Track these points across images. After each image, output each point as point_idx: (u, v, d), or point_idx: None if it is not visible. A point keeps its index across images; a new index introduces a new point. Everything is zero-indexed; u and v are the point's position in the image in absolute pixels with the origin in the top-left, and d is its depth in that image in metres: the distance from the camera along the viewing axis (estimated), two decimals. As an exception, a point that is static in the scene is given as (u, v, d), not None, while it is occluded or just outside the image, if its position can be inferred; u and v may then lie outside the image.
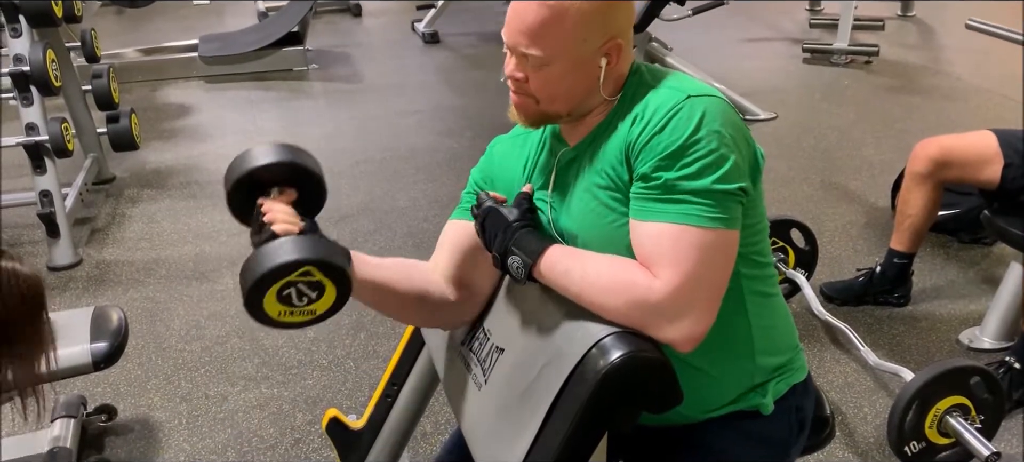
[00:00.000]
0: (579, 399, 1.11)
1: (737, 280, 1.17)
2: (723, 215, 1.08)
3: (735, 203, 1.09)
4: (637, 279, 1.08)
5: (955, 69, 5.24)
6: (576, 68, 1.14)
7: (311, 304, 1.12)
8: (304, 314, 1.13)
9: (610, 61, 1.15)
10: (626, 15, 1.17)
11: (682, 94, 1.10)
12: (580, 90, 1.16)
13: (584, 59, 1.13)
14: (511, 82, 1.18)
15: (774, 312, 1.26)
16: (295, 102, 5.00)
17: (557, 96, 1.16)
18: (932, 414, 1.94)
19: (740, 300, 1.19)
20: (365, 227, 3.32)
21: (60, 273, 3.03)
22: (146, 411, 2.30)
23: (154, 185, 3.79)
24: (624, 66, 1.19)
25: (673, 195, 1.07)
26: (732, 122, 1.11)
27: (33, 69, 2.98)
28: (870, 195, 3.44)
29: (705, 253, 1.07)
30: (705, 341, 1.10)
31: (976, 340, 2.46)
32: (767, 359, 1.24)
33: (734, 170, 1.08)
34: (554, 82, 1.15)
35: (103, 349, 1.89)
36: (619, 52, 1.15)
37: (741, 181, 1.09)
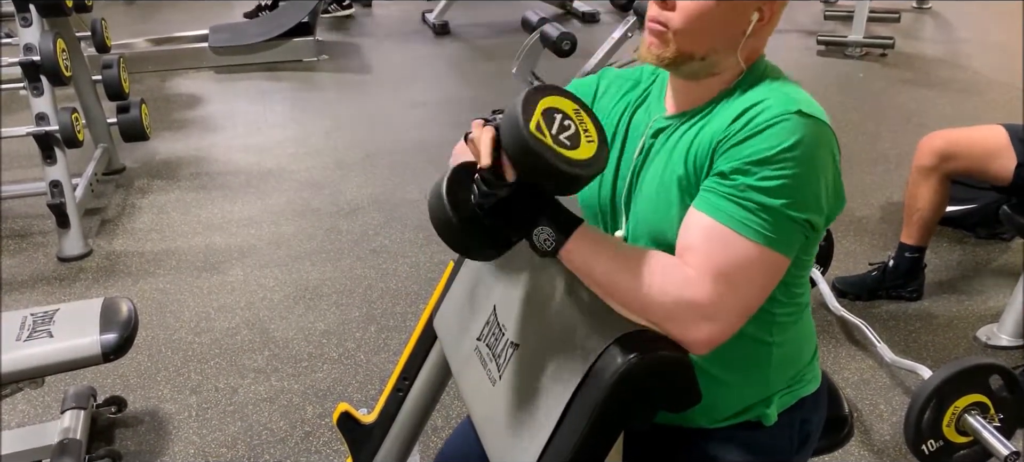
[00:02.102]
0: (596, 397, 1.08)
1: (771, 305, 1.14)
2: (782, 239, 1.03)
3: (799, 232, 1.04)
4: (676, 271, 1.04)
5: (972, 62, 5.18)
6: (731, 4, 1.09)
7: (578, 121, 1.05)
8: (585, 131, 1.04)
9: (761, 17, 1.11)
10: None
11: (793, 106, 1.05)
12: (722, 35, 1.11)
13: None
14: (653, 7, 1.12)
15: (798, 334, 1.23)
16: (305, 93, 4.98)
17: (698, 31, 1.09)
18: (950, 412, 1.91)
19: (769, 325, 1.17)
20: (375, 220, 3.30)
21: (70, 264, 3.02)
22: (156, 403, 2.29)
23: (164, 176, 3.78)
24: (764, 39, 1.16)
25: (742, 201, 1.03)
26: (829, 153, 1.06)
27: (43, 59, 2.97)
28: (886, 189, 3.40)
29: (752, 269, 1.03)
30: (725, 352, 1.08)
31: (994, 337, 2.43)
32: (779, 374, 1.22)
33: (811, 200, 1.04)
34: (704, 13, 1.08)
35: (113, 340, 1.87)
36: (772, 14, 1.12)
37: (812, 214, 1.04)
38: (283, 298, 2.77)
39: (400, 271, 2.92)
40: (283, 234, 3.20)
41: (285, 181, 3.69)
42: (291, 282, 2.87)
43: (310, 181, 3.68)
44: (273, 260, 3.01)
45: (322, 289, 2.81)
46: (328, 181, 3.67)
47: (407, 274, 2.90)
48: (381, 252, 3.05)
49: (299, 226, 3.27)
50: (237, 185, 3.66)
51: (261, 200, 3.51)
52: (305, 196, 3.53)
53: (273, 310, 2.71)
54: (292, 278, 2.89)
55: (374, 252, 3.05)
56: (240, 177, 3.74)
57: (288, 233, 3.21)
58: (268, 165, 3.86)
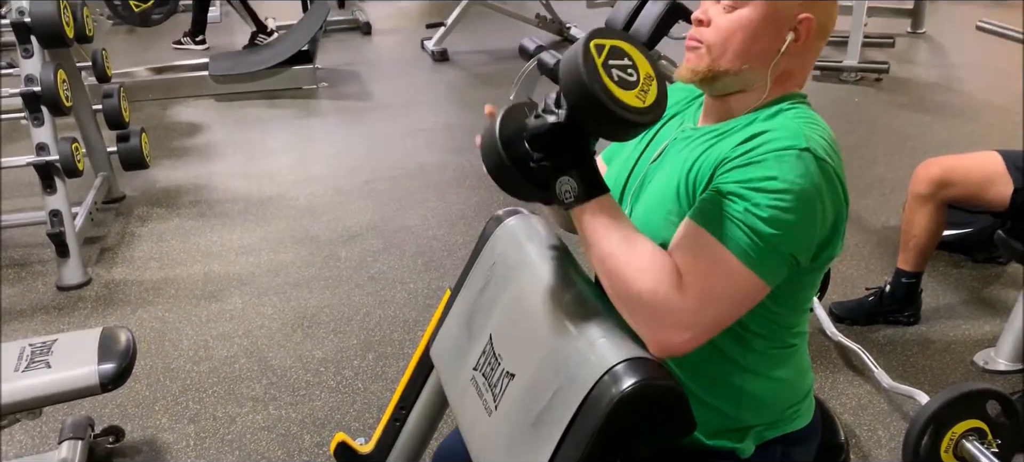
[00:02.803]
0: (591, 427, 1.09)
1: (750, 334, 1.16)
2: (766, 266, 1.05)
3: (783, 264, 1.07)
4: (670, 278, 1.06)
5: (966, 87, 5.21)
6: (765, 21, 1.12)
7: (640, 75, 1.05)
8: (644, 85, 1.05)
9: (797, 37, 1.13)
10: (826, 13, 1.16)
11: (801, 142, 1.06)
12: (756, 51, 1.14)
13: (776, 16, 1.12)
14: (693, 27, 1.18)
15: (785, 372, 1.22)
16: (305, 120, 5.01)
17: (733, 47, 1.14)
18: (948, 438, 1.91)
19: (744, 350, 1.17)
20: (374, 246, 3.31)
21: (69, 293, 3.03)
22: (154, 432, 2.29)
23: (164, 204, 3.79)
24: (800, 67, 1.18)
25: (737, 222, 1.05)
26: (827, 196, 1.07)
27: (44, 89, 2.99)
28: (882, 214, 3.42)
29: (733, 288, 1.06)
30: (695, 364, 1.13)
31: (991, 362, 2.43)
32: (756, 407, 1.21)
33: (800, 237, 1.06)
34: (740, 28, 1.13)
35: (111, 370, 1.88)
36: (809, 33, 1.14)
37: (800, 251, 1.07)
38: (281, 326, 2.78)
39: (398, 298, 2.92)
40: (282, 261, 3.21)
41: (284, 208, 3.70)
42: (289, 310, 2.87)
43: (309, 208, 3.69)
44: (272, 288, 3.01)
45: (320, 317, 2.82)
46: (327, 208, 3.69)
47: (405, 301, 2.90)
48: (379, 279, 3.06)
49: (298, 253, 3.28)
50: (236, 213, 3.67)
51: (260, 227, 3.52)
52: (304, 223, 3.54)
53: (271, 338, 2.71)
54: (290, 306, 2.89)
55: (372, 279, 3.06)
56: (239, 204, 3.75)
57: (287, 260, 3.22)
58: (267, 192, 3.87)
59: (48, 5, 3.05)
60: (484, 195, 3.74)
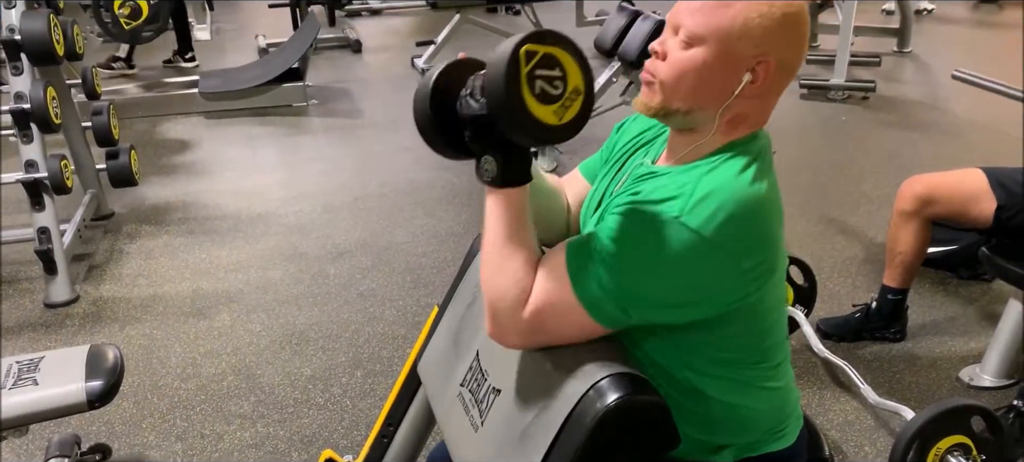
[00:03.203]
0: (576, 442, 1.09)
1: (705, 369, 1.17)
2: (601, 312, 1.10)
3: (621, 316, 1.10)
4: (520, 286, 1.12)
5: (952, 105, 5.27)
6: (718, 61, 1.10)
7: (566, 89, 1.05)
8: (567, 100, 1.05)
9: (754, 80, 1.11)
10: (788, 50, 1.13)
11: (675, 211, 1.05)
12: (711, 91, 1.12)
13: (730, 57, 1.10)
14: (649, 59, 1.16)
15: (754, 398, 1.21)
16: (295, 137, 5.02)
17: (684, 86, 1.12)
18: (933, 453, 1.92)
19: (707, 381, 1.17)
20: (363, 263, 3.31)
21: (57, 310, 3.02)
22: (141, 450, 2.28)
23: (153, 221, 3.79)
24: (758, 110, 1.15)
25: (591, 261, 1.09)
26: (699, 267, 1.06)
27: (34, 107, 3.00)
28: (868, 230, 3.44)
29: (566, 323, 1.12)
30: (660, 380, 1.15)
31: (976, 378, 2.45)
32: (725, 436, 1.21)
33: (643, 299, 1.09)
34: (692, 67, 1.11)
35: (98, 387, 1.87)
36: (768, 75, 1.11)
37: (643, 312, 1.10)
38: (270, 343, 2.77)
39: (387, 315, 2.93)
40: (270, 279, 3.21)
41: (273, 225, 3.70)
42: (278, 327, 2.87)
43: (298, 225, 3.70)
44: (260, 305, 3.01)
45: (309, 334, 2.82)
46: (316, 225, 3.69)
47: (394, 318, 2.91)
48: (368, 296, 3.06)
49: (286, 270, 3.28)
50: (225, 230, 3.67)
51: (249, 245, 3.52)
52: (293, 240, 3.54)
53: (260, 355, 2.70)
54: (279, 323, 2.89)
55: (361, 296, 3.06)
56: (228, 222, 3.75)
57: (275, 278, 3.22)
58: (256, 209, 3.88)
59: (38, 23, 3.06)
60: (473, 212, 3.75)
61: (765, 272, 1.11)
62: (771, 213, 1.11)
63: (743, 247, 1.07)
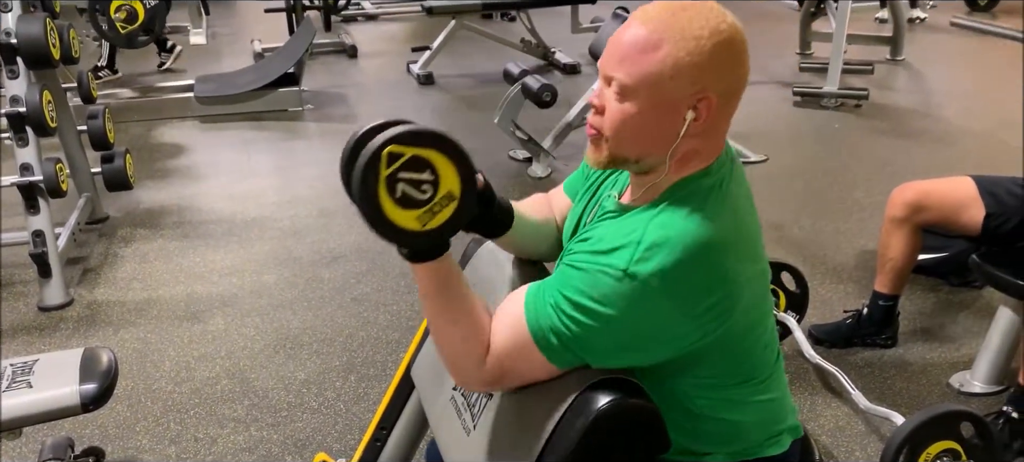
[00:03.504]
0: (567, 446, 1.11)
1: (688, 390, 1.17)
2: (560, 358, 1.12)
3: (577, 361, 1.12)
4: (474, 349, 1.15)
5: (944, 113, 5.30)
6: (655, 109, 1.08)
7: (437, 193, 1.01)
8: (437, 205, 1.02)
9: (698, 115, 1.08)
10: (729, 80, 1.09)
11: (624, 263, 1.05)
12: (654, 137, 1.10)
13: (667, 101, 1.07)
14: (590, 113, 1.15)
15: (741, 412, 1.21)
16: (290, 142, 5.02)
17: (627, 136, 1.11)
18: (923, 459, 1.93)
19: (691, 398, 1.18)
20: (358, 268, 3.32)
21: (51, 313, 3.02)
22: (134, 453, 2.29)
23: (147, 225, 3.79)
24: (708, 143, 1.13)
25: (547, 313, 1.10)
26: (654, 314, 1.06)
27: (29, 110, 3.00)
28: (860, 237, 3.46)
29: (527, 369, 1.14)
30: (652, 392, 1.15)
31: (966, 384, 2.47)
32: (714, 446, 1.22)
33: (598, 349, 1.10)
34: (629, 118, 1.09)
35: (92, 390, 1.87)
36: (711, 110, 1.08)
37: (598, 359, 1.11)
38: (264, 347, 2.78)
39: (381, 320, 2.93)
40: (265, 283, 3.22)
41: (268, 230, 3.71)
42: (272, 331, 2.87)
43: (293, 230, 3.70)
44: (254, 309, 3.02)
45: (303, 338, 2.82)
46: (311, 229, 3.70)
47: (388, 323, 2.91)
48: (362, 300, 3.07)
49: (281, 275, 3.28)
50: (220, 234, 3.67)
51: (243, 249, 3.52)
52: (288, 245, 3.55)
53: (254, 359, 2.71)
54: (273, 327, 2.90)
55: (355, 301, 3.07)
56: (223, 226, 3.76)
57: (270, 282, 3.22)
58: (251, 214, 3.88)
59: (35, 26, 3.07)
60: (468, 217, 3.76)
61: (723, 311, 1.09)
62: (724, 250, 1.09)
63: (694, 291, 1.07)
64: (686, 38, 1.06)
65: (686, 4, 1.08)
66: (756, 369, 1.21)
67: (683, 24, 1.06)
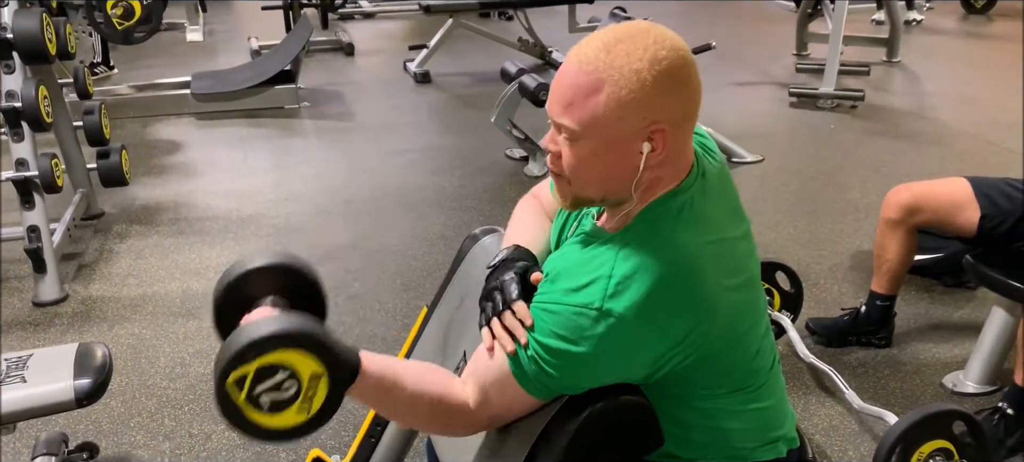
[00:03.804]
0: (561, 440, 1.11)
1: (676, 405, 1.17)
2: (542, 392, 1.12)
3: (558, 391, 1.12)
4: (459, 417, 1.17)
5: (939, 115, 5.31)
6: (609, 149, 1.06)
7: (301, 383, 0.97)
8: (309, 391, 0.98)
9: (654, 147, 1.06)
10: (680, 105, 1.07)
11: (598, 300, 1.05)
12: (614, 176, 1.08)
13: (620, 140, 1.05)
14: (549, 158, 1.13)
15: (732, 421, 1.21)
16: (286, 139, 5.02)
17: (588, 179, 1.09)
18: (915, 458, 1.94)
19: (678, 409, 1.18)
20: (354, 265, 3.32)
21: (45, 309, 3.02)
22: (129, 449, 2.28)
23: (143, 221, 3.79)
24: (671, 167, 1.11)
25: (525, 352, 1.10)
26: (629, 347, 1.06)
27: (25, 105, 3.00)
28: (855, 238, 3.47)
29: (514, 406, 1.15)
30: None
31: (960, 384, 2.48)
32: (704, 454, 1.22)
33: (574, 381, 1.10)
34: (585, 162, 1.07)
35: (87, 386, 1.87)
36: (665, 139, 1.06)
37: (575, 388, 1.11)
38: (259, 344, 2.77)
39: (376, 317, 2.94)
40: (261, 280, 3.21)
41: (264, 227, 3.71)
42: (268, 328, 2.87)
43: (289, 227, 3.70)
44: (250, 306, 3.01)
45: (299, 335, 2.82)
46: (307, 227, 3.70)
47: (383, 320, 2.92)
48: (358, 297, 3.07)
49: (277, 272, 3.28)
50: (216, 230, 3.67)
51: (240, 245, 3.52)
52: (284, 242, 3.55)
53: (249, 356, 2.71)
54: (269, 324, 2.89)
55: (351, 298, 3.07)
56: (219, 223, 3.75)
57: (266, 279, 3.22)
58: (247, 211, 3.88)
59: (31, 21, 3.06)
60: (463, 216, 3.77)
61: (702, 332, 1.09)
62: (696, 272, 1.08)
63: (670, 318, 1.06)
64: (625, 75, 1.03)
65: (621, 36, 1.05)
66: (747, 378, 1.20)
67: (620, 61, 1.03)
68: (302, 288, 1.21)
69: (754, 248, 1.24)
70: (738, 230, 1.19)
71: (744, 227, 1.22)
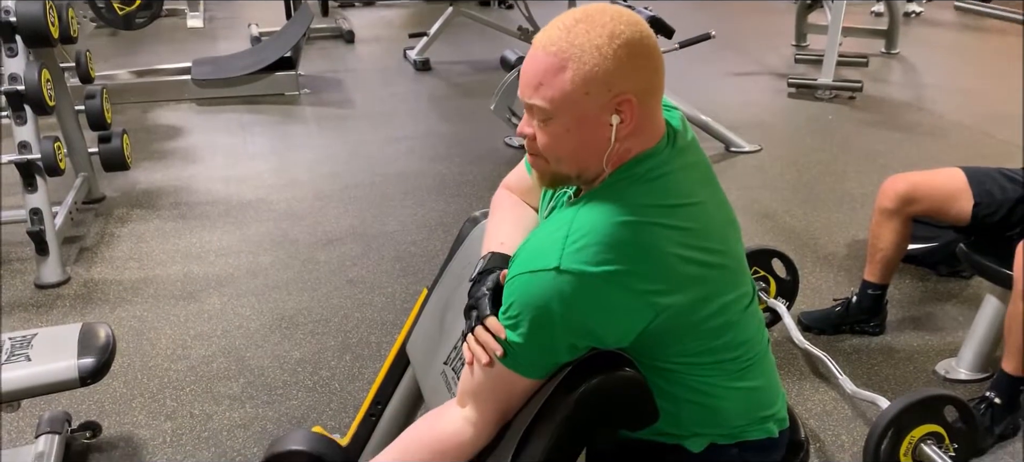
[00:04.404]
0: (558, 416, 1.14)
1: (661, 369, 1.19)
2: (522, 367, 1.14)
3: (548, 363, 1.14)
4: (457, 446, 1.20)
5: (937, 106, 5.33)
6: (580, 124, 1.10)
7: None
8: None
9: (623, 118, 1.10)
10: (642, 76, 1.11)
11: (553, 261, 1.08)
12: (587, 150, 1.13)
13: (588, 115, 1.10)
14: (526, 141, 1.17)
15: (720, 398, 1.23)
16: (286, 126, 5.04)
17: (563, 155, 1.14)
18: (907, 442, 1.97)
19: (664, 382, 1.20)
20: (353, 251, 3.35)
21: (48, 291, 3.04)
22: (130, 429, 2.31)
23: (144, 205, 3.81)
24: (643, 135, 1.15)
25: (511, 343, 1.13)
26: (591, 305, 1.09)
27: (28, 88, 3.01)
28: (851, 227, 3.50)
29: (512, 395, 1.17)
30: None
31: (952, 371, 2.51)
32: (696, 426, 1.25)
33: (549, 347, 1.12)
34: (559, 139, 1.12)
35: (90, 364, 1.90)
36: (632, 109, 1.10)
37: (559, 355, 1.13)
38: (259, 327, 2.80)
39: (376, 302, 2.96)
40: (260, 264, 3.24)
41: (264, 212, 3.73)
42: (267, 311, 2.90)
43: (289, 212, 3.72)
44: (250, 289, 3.04)
45: (298, 318, 2.85)
46: (307, 212, 3.72)
47: (383, 304, 2.94)
48: (358, 282, 3.09)
49: (276, 256, 3.31)
50: (216, 215, 3.69)
51: (239, 230, 3.54)
52: (283, 227, 3.57)
53: (249, 338, 2.74)
54: (269, 307, 2.92)
55: (351, 283, 3.10)
56: (219, 207, 3.78)
57: (265, 263, 3.25)
58: (247, 196, 3.90)
59: (34, 5, 3.08)
60: (462, 203, 3.79)
61: (666, 291, 1.11)
62: (655, 229, 1.11)
63: (630, 272, 1.09)
64: (587, 51, 1.08)
65: (579, 17, 1.10)
66: (730, 350, 1.22)
67: (581, 39, 1.08)
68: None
69: (731, 217, 1.26)
70: (708, 196, 1.21)
71: (717, 196, 1.24)
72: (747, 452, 1.28)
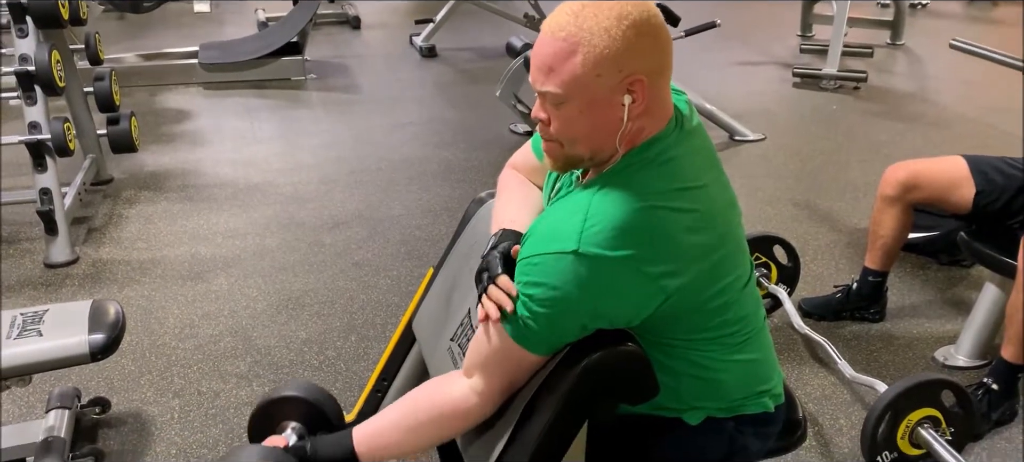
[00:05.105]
0: (560, 389, 1.17)
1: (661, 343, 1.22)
2: (538, 347, 1.17)
3: (557, 342, 1.17)
4: (460, 413, 1.24)
5: (941, 97, 5.34)
6: (592, 107, 1.12)
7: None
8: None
9: (635, 98, 1.12)
10: (652, 55, 1.13)
11: (573, 243, 1.10)
12: (601, 131, 1.15)
13: (600, 97, 1.12)
14: (540, 126, 1.20)
15: (719, 371, 1.26)
16: (293, 111, 5.06)
17: (577, 137, 1.16)
18: (904, 425, 2.00)
19: (664, 356, 1.23)
20: (359, 234, 3.38)
21: (57, 270, 3.08)
22: (139, 405, 2.35)
23: (151, 187, 3.84)
24: (652, 117, 1.17)
25: (524, 318, 1.15)
26: (608, 285, 1.11)
27: (38, 69, 3.04)
28: (853, 216, 3.52)
29: (520, 369, 1.20)
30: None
31: (950, 358, 2.53)
32: (694, 400, 1.27)
33: (563, 327, 1.15)
34: (573, 122, 1.14)
35: (100, 340, 1.93)
36: (643, 89, 1.12)
37: (569, 336, 1.16)
38: (266, 307, 2.84)
39: (381, 284, 2.99)
40: (267, 246, 3.27)
41: (270, 195, 3.76)
42: (274, 292, 2.93)
43: (295, 195, 3.75)
44: (257, 270, 3.07)
45: (304, 300, 2.88)
46: (313, 196, 3.75)
47: (388, 287, 2.97)
48: (363, 265, 3.12)
49: (283, 239, 3.34)
50: (223, 198, 3.73)
51: (246, 213, 3.57)
52: (290, 210, 3.60)
53: (256, 319, 2.77)
54: (275, 288, 2.96)
55: (356, 265, 3.13)
56: (226, 190, 3.81)
57: (272, 245, 3.28)
58: (254, 179, 3.93)
59: (43, -14, 3.10)
60: (467, 189, 3.81)
61: (676, 273, 1.14)
62: (668, 213, 1.14)
63: (645, 256, 1.11)
64: (596, 34, 1.09)
65: (586, 2, 1.12)
66: (729, 326, 1.25)
67: (590, 23, 1.10)
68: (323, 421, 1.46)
69: (733, 199, 1.29)
70: (712, 178, 1.23)
71: (721, 178, 1.27)
72: (743, 425, 1.31)
